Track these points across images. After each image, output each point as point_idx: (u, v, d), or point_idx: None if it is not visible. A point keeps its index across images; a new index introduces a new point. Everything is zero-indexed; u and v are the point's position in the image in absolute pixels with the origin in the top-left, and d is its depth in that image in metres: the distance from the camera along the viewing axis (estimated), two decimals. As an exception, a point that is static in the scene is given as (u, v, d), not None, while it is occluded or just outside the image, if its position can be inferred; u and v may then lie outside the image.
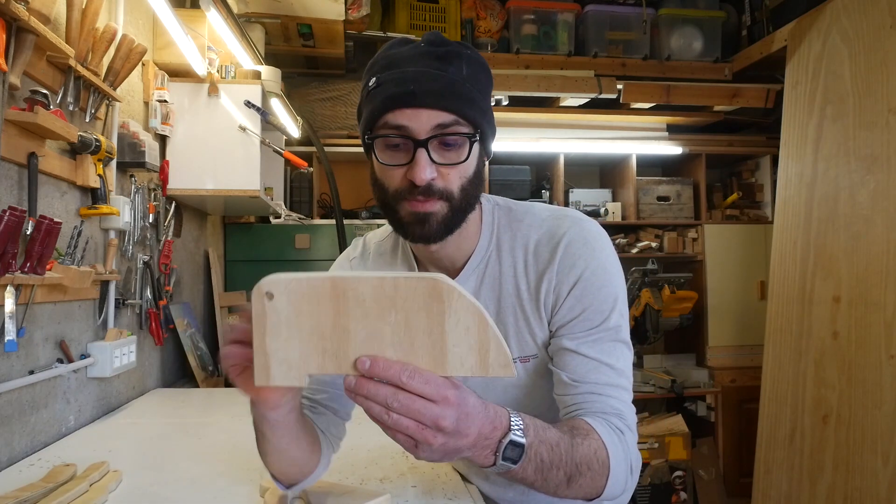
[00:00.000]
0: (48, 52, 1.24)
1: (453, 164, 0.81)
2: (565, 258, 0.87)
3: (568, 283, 0.86)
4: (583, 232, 0.88)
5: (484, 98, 0.84)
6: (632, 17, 3.20)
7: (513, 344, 0.91)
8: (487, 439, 0.68)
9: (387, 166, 0.82)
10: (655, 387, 3.05)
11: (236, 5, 2.32)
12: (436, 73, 0.79)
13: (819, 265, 2.42)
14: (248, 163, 2.05)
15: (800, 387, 2.44)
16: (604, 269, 0.87)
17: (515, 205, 0.96)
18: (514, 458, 0.69)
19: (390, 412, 0.60)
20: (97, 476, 1.03)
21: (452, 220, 0.83)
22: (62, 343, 1.36)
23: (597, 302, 0.86)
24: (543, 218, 0.92)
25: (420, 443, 0.62)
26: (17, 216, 1.07)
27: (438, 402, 0.61)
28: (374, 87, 0.81)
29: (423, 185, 0.79)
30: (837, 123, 2.41)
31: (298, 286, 0.61)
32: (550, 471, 0.73)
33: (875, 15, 2.28)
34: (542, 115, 3.16)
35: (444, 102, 0.78)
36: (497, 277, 0.91)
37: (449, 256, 0.91)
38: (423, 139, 0.78)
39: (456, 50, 0.82)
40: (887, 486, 2.05)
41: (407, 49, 0.82)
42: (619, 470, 0.79)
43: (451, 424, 0.62)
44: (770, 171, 3.32)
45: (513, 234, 0.92)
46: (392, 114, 0.79)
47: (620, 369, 0.85)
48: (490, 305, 0.92)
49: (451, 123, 0.79)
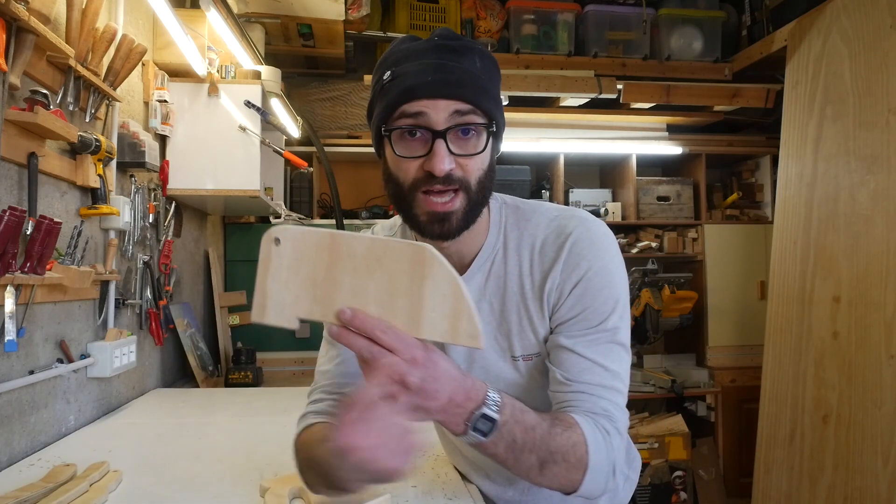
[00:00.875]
0: (48, 52, 1.24)
1: (471, 154, 0.81)
2: (570, 257, 0.87)
3: (571, 282, 0.86)
4: (589, 232, 0.88)
5: (497, 92, 0.84)
6: (632, 17, 3.20)
7: (516, 342, 0.91)
8: (459, 407, 0.71)
9: (403, 158, 0.81)
10: (655, 387, 3.05)
11: (236, 5, 2.32)
12: (452, 65, 0.80)
13: (819, 265, 2.42)
14: (248, 163, 2.05)
15: (800, 387, 2.44)
16: (607, 271, 0.87)
17: (523, 203, 0.96)
18: (485, 431, 0.72)
19: (370, 349, 0.65)
20: (97, 476, 1.03)
21: (470, 215, 0.84)
22: (62, 343, 1.36)
23: (597, 302, 0.86)
24: (551, 218, 0.92)
25: (387, 396, 0.66)
26: (17, 216, 1.07)
27: (407, 360, 0.65)
28: (389, 80, 0.81)
29: (442, 175, 0.79)
30: (837, 123, 2.41)
31: (303, 236, 0.68)
32: (522, 452, 0.75)
33: (875, 15, 2.28)
34: (542, 115, 3.16)
35: (462, 92, 0.79)
36: (502, 276, 0.91)
37: (458, 253, 0.91)
38: (441, 129, 0.79)
39: (468, 44, 0.83)
40: (887, 486, 2.05)
41: (420, 43, 0.83)
42: (598, 468, 0.79)
43: (416, 382, 0.66)
44: (770, 171, 3.32)
45: (520, 233, 0.92)
46: (409, 104, 0.79)
47: (615, 371, 0.85)
48: (495, 303, 0.92)
49: (467, 112, 0.80)
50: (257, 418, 1.56)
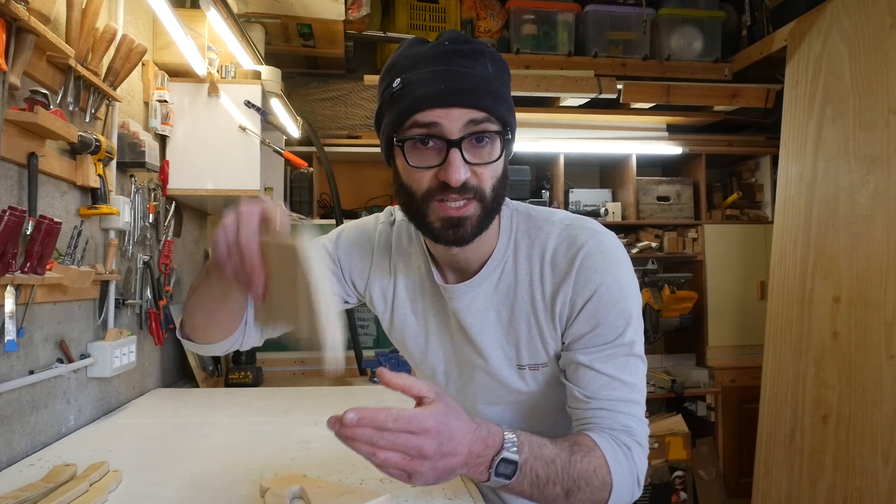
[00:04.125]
0: (48, 52, 1.24)
1: (486, 163, 0.80)
2: (581, 271, 0.85)
3: (583, 297, 0.85)
4: (601, 245, 0.87)
5: (509, 95, 0.83)
6: (632, 17, 3.20)
7: (524, 351, 0.91)
8: (480, 457, 0.72)
9: (417, 168, 0.80)
10: (655, 387, 3.05)
11: (236, 5, 2.31)
12: (465, 72, 0.78)
13: (819, 265, 2.42)
14: (248, 163, 2.05)
15: (800, 387, 2.44)
16: (619, 286, 0.85)
17: (535, 210, 0.95)
18: (508, 474, 0.73)
19: (377, 452, 0.65)
20: (97, 476, 1.03)
21: (484, 222, 0.83)
22: (62, 343, 1.36)
23: (611, 317, 0.85)
24: (562, 227, 0.90)
25: (411, 473, 0.67)
26: (17, 216, 1.07)
27: (419, 434, 0.66)
28: (399, 88, 0.79)
29: (458, 185, 0.78)
30: (837, 123, 2.41)
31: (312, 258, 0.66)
32: (546, 486, 0.76)
33: (875, 15, 2.28)
34: (542, 115, 3.16)
35: (476, 100, 0.77)
36: (513, 284, 0.90)
37: (468, 259, 0.91)
38: (456, 139, 0.77)
39: (479, 48, 0.81)
40: (887, 486, 2.05)
41: (430, 48, 0.81)
42: (622, 485, 0.80)
43: (433, 450, 0.66)
44: (770, 171, 3.32)
45: (530, 241, 0.91)
46: (422, 113, 0.77)
47: (633, 384, 0.85)
48: (503, 311, 0.91)
49: (482, 120, 0.78)
50: (257, 418, 1.56)
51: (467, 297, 0.91)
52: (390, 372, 0.68)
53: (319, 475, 1.01)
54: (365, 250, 1.02)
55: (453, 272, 0.94)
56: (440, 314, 0.97)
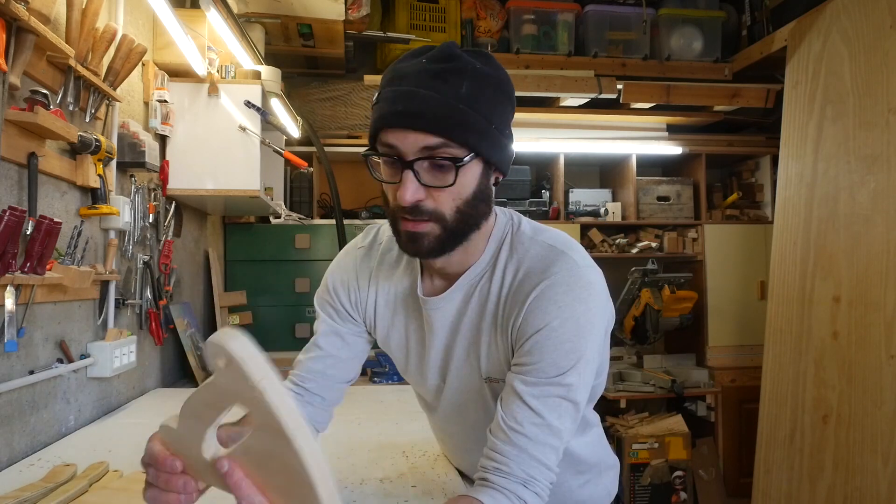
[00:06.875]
0: (48, 52, 1.24)
1: (442, 186, 0.78)
2: (539, 300, 0.82)
3: (533, 327, 0.82)
4: (571, 278, 0.82)
5: (484, 117, 0.78)
6: (632, 17, 3.20)
7: (483, 362, 0.90)
8: None
9: (384, 182, 0.82)
10: (655, 387, 3.05)
11: (236, 5, 2.31)
12: (425, 94, 0.75)
13: (819, 265, 2.42)
14: (248, 163, 2.05)
15: (800, 387, 2.44)
16: (576, 324, 0.81)
17: (529, 227, 0.92)
18: None
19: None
20: (97, 476, 1.03)
21: (446, 241, 0.81)
22: (62, 343, 1.36)
23: (556, 355, 0.80)
24: (545, 248, 0.87)
25: None
26: (17, 216, 1.07)
27: None
28: (376, 102, 0.81)
29: (408, 206, 0.78)
30: (837, 123, 2.41)
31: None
32: None
33: (875, 15, 2.28)
34: (542, 115, 3.16)
35: (431, 125, 0.75)
36: (486, 295, 0.89)
37: (442, 270, 0.91)
38: (409, 160, 0.77)
39: (458, 66, 0.77)
40: (887, 486, 2.05)
41: (410, 64, 0.80)
42: None
43: None
44: (770, 171, 3.32)
45: (509, 255, 0.89)
46: (384, 132, 0.78)
47: (557, 429, 0.80)
48: (475, 319, 0.90)
49: (438, 146, 0.76)
50: (257, 418, 1.56)
51: (440, 309, 0.91)
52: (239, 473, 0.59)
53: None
54: (352, 279, 1.01)
55: (441, 280, 0.94)
56: (421, 327, 0.96)
